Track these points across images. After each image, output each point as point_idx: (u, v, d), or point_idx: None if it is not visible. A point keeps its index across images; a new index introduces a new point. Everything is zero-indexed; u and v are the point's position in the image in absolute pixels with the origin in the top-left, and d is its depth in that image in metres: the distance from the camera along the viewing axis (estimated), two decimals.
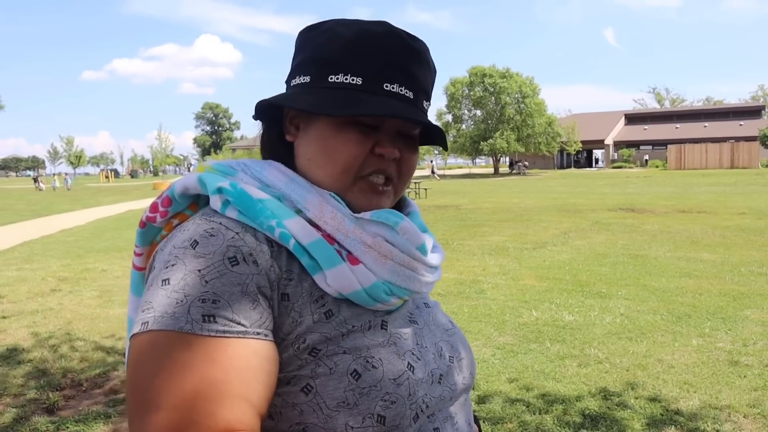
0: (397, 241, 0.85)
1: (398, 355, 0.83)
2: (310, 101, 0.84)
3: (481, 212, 16.38)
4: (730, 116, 69.30)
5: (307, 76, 0.87)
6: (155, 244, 0.90)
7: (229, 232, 0.77)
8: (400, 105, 0.85)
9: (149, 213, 0.89)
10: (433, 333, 0.94)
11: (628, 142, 67.13)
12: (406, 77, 0.86)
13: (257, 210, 0.80)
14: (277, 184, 0.86)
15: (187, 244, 0.76)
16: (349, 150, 0.85)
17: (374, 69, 0.85)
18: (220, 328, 0.70)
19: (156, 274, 0.75)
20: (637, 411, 3.73)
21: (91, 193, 35.10)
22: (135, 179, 78.37)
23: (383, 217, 0.85)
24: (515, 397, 3.98)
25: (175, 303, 0.70)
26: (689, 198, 19.99)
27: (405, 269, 0.86)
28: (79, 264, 9.52)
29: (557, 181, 36.81)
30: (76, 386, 4.31)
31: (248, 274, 0.74)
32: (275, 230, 0.80)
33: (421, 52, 0.89)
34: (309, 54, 0.88)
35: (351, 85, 0.84)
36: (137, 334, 0.70)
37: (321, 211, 0.83)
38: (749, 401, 3.85)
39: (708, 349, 4.87)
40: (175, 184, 0.87)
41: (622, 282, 7.40)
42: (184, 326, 0.69)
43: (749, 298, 6.42)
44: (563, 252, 9.71)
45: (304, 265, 0.81)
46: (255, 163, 0.90)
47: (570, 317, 5.86)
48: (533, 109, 52.69)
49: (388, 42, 0.86)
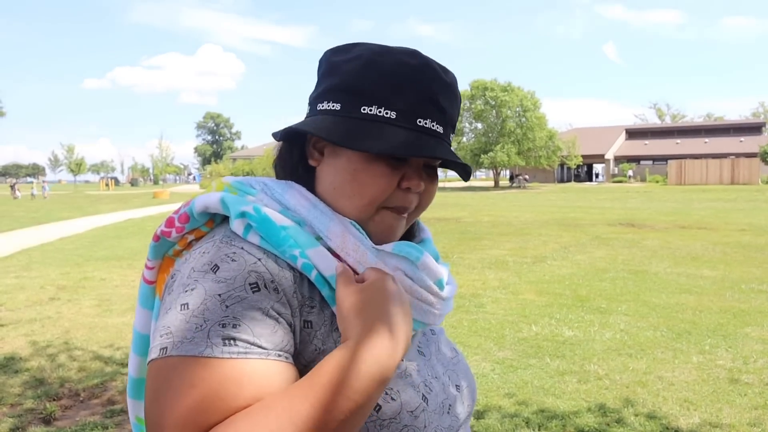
0: (416, 276, 0.86)
1: (413, 387, 0.83)
2: (342, 133, 0.83)
3: (481, 225, 16.38)
4: (731, 132, 69.45)
5: (337, 104, 0.86)
6: (167, 258, 0.90)
7: (250, 258, 0.76)
8: (432, 142, 0.85)
9: (164, 227, 0.87)
10: (440, 362, 0.95)
11: (629, 156, 67.22)
12: (438, 112, 0.86)
13: (280, 238, 0.79)
14: (299, 209, 0.85)
15: (207, 268, 0.75)
16: (379, 184, 0.84)
17: (408, 103, 0.84)
18: (242, 350, 0.69)
19: (175, 297, 0.75)
20: (636, 428, 3.71)
21: (90, 201, 35.11)
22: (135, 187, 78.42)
23: (405, 251, 0.85)
24: (513, 412, 3.96)
25: (195, 328, 0.70)
26: (689, 214, 20.00)
27: (422, 303, 0.87)
28: (78, 272, 9.51)
29: (557, 195, 36.84)
30: (74, 396, 4.29)
31: (269, 300, 0.74)
32: (298, 260, 0.79)
33: (452, 85, 0.89)
34: (340, 81, 0.87)
35: (384, 118, 0.84)
36: (156, 359, 0.70)
37: (344, 241, 0.83)
38: (750, 420, 3.83)
39: (708, 366, 4.85)
40: (195, 202, 0.86)
41: (622, 297, 7.38)
42: (204, 351, 0.68)
43: (750, 316, 6.41)
44: (563, 266, 9.70)
45: (324, 295, 0.81)
46: (276, 184, 0.89)
47: (570, 332, 5.84)
48: (534, 122, 52.77)
49: (423, 76, 0.85)
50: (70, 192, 56.88)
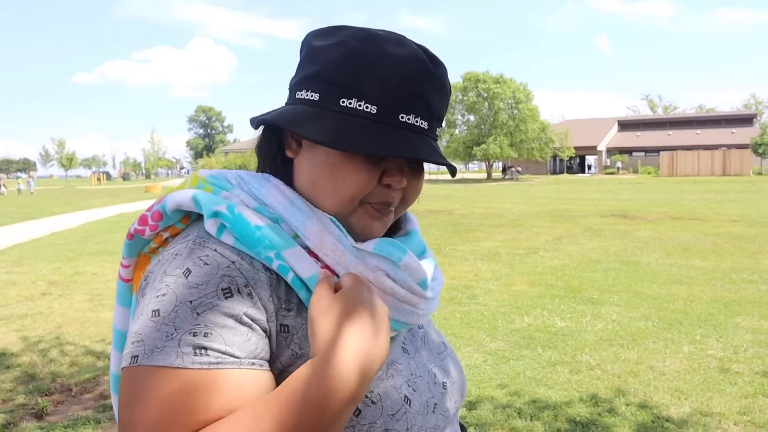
0: (398, 277, 0.82)
1: (395, 388, 0.81)
2: (319, 129, 0.78)
3: (473, 217, 16.40)
4: (722, 124, 69.73)
5: (315, 94, 0.82)
6: (142, 255, 0.88)
7: (224, 261, 0.73)
8: (415, 139, 0.80)
9: (138, 225, 0.84)
10: (425, 358, 0.92)
11: (621, 148, 67.42)
12: (423, 107, 0.82)
13: (255, 239, 0.76)
14: (276, 205, 0.82)
15: (179, 272, 0.72)
16: (358, 180, 0.80)
17: (391, 98, 0.79)
18: (213, 361, 0.67)
19: (147, 302, 0.72)
20: (627, 418, 3.73)
21: (82, 195, 34.94)
22: (127, 182, 78.07)
23: (386, 251, 0.82)
24: (505, 402, 3.98)
25: (165, 336, 0.68)
26: (681, 205, 20.08)
27: (404, 305, 0.83)
28: (70, 267, 9.47)
29: (550, 186, 36.91)
30: (66, 391, 4.28)
31: (242, 306, 0.71)
32: (273, 262, 0.76)
33: (440, 77, 0.84)
34: (320, 69, 0.82)
35: (364, 113, 0.79)
36: (127, 367, 0.69)
37: (321, 241, 0.80)
38: (740, 409, 3.86)
39: (699, 356, 4.88)
40: (167, 199, 0.83)
41: (614, 288, 7.41)
42: (174, 361, 0.66)
43: (740, 306, 6.45)
44: (555, 258, 9.73)
45: (301, 298, 0.78)
46: (252, 178, 0.85)
47: (562, 323, 5.86)
48: (526, 114, 52.84)
49: (408, 68, 0.80)
50: (61, 187, 56.60)
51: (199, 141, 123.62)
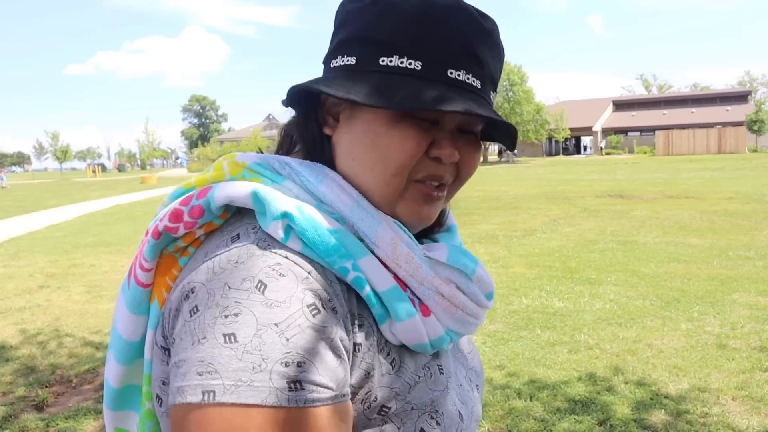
0: (469, 290, 0.76)
1: (453, 404, 0.76)
2: (358, 89, 0.69)
3: (470, 200, 16.39)
4: (717, 102, 69.65)
5: (352, 57, 0.72)
6: (166, 255, 0.74)
7: (301, 271, 0.63)
8: (468, 97, 0.70)
9: (169, 223, 0.71)
10: (461, 365, 0.87)
11: (617, 128, 67.36)
12: (474, 63, 0.72)
13: (330, 246, 0.66)
14: (339, 205, 0.71)
15: (250, 285, 0.61)
16: (404, 148, 0.70)
17: (437, 51, 0.70)
18: (309, 396, 0.58)
19: (209, 322, 0.60)
20: (626, 395, 3.75)
21: (77, 188, 34.84)
22: (122, 173, 77.92)
23: (460, 263, 0.75)
24: (505, 383, 4.00)
25: (252, 368, 0.57)
26: (677, 183, 20.11)
27: (471, 318, 0.77)
28: (67, 260, 9.45)
29: (546, 168, 36.91)
30: (66, 382, 4.29)
31: (331, 326, 0.62)
32: (349, 273, 0.67)
33: (492, 32, 0.74)
34: (355, 30, 0.73)
35: (408, 70, 0.69)
36: (198, 405, 0.57)
37: (394, 251, 0.71)
38: (737, 384, 3.88)
39: (696, 333, 4.91)
40: (215, 194, 0.70)
41: (612, 268, 7.43)
42: (267, 398, 0.56)
43: (737, 282, 6.47)
44: (553, 239, 9.75)
45: (374, 313, 0.70)
46: (305, 169, 0.74)
47: (560, 304, 5.88)
48: (521, 96, 52.74)
49: (456, 19, 0.71)
50: (56, 180, 56.42)
51: (193, 130, 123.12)
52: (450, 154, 0.73)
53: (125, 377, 0.81)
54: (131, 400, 0.83)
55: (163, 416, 0.73)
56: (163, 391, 0.71)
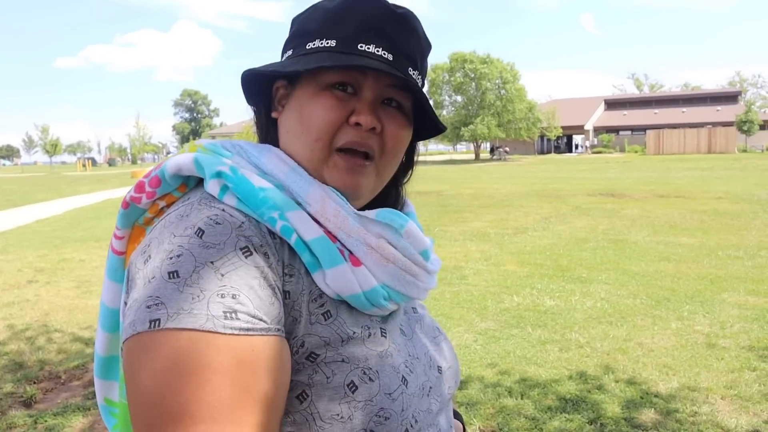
0: (400, 245, 0.81)
1: (394, 368, 0.79)
2: (281, 65, 0.83)
3: (462, 198, 16.40)
4: (708, 102, 70.00)
5: (290, 50, 0.86)
6: (137, 227, 0.84)
7: (235, 221, 0.71)
8: (375, 63, 0.80)
9: (134, 193, 0.81)
10: (422, 342, 0.90)
11: (608, 127, 67.57)
12: (383, 39, 0.82)
13: (259, 199, 0.74)
14: (277, 173, 0.80)
15: (191, 232, 0.69)
16: (323, 115, 0.80)
17: (349, 31, 0.81)
18: (244, 326, 0.64)
19: (158, 265, 0.67)
20: (616, 394, 3.76)
21: (67, 182, 34.59)
22: (113, 167, 77.43)
23: (388, 218, 0.81)
24: (496, 382, 4.00)
25: (191, 298, 0.63)
26: (668, 183, 20.19)
27: (405, 274, 0.82)
28: (56, 254, 9.39)
29: (538, 166, 36.97)
30: (54, 379, 4.25)
31: (263, 266, 0.69)
32: (277, 222, 0.74)
33: (403, 16, 0.84)
34: (293, 30, 0.87)
35: (326, 47, 0.81)
36: (146, 332, 0.63)
37: (323, 206, 0.78)
38: (726, 383, 3.90)
39: (686, 332, 4.93)
40: (167, 163, 0.80)
41: (603, 267, 7.45)
42: (205, 324, 0.62)
43: (726, 282, 6.51)
44: (544, 237, 9.77)
45: (304, 261, 0.76)
46: (252, 147, 0.84)
47: (551, 302, 5.89)
48: (513, 94, 52.75)
49: (365, 6, 0.83)
50: (46, 173, 56.02)
51: (185, 125, 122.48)
52: (368, 120, 0.80)
53: (110, 346, 0.88)
54: (116, 369, 0.89)
55: None
56: None
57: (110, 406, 0.92)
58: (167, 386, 0.60)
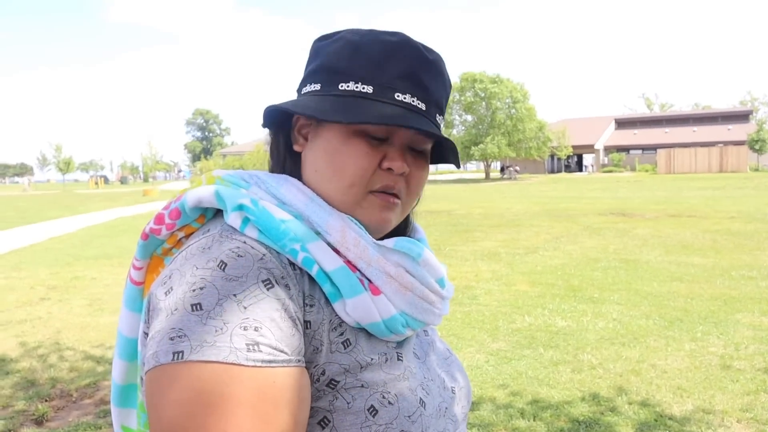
0: (417, 273, 0.83)
1: (411, 390, 0.80)
2: (317, 107, 0.81)
3: (472, 217, 16.38)
4: (719, 120, 69.76)
5: (317, 84, 0.85)
6: (155, 257, 0.86)
7: (257, 253, 0.72)
8: (411, 116, 0.81)
9: (153, 225, 0.83)
10: (435, 363, 0.92)
11: (619, 146, 67.42)
12: (418, 88, 0.83)
13: (280, 231, 0.75)
14: (296, 203, 0.81)
15: (213, 265, 0.70)
16: (357, 162, 0.81)
17: (385, 77, 0.82)
18: (266, 358, 0.65)
19: (180, 297, 0.68)
20: (629, 416, 3.72)
21: (80, 199, 34.86)
22: (125, 185, 78.01)
23: (406, 247, 0.83)
24: (507, 403, 3.97)
25: (214, 331, 0.65)
26: (679, 202, 20.08)
27: (423, 302, 0.84)
28: (69, 272, 9.44)
29: (548, 185, 36.90)
30: (66, 396, 4.26)
31: (284, 298, 0.71)
32: (299, 254, 0.75)
33: (435, 63, 0.86)
34: (320, 62, 0.86)
35: (361, 93, 0.81)
36: (169, 364, 0.64)
37: (344, 236, 0.79)
38: (742, 406, 3.85)
39: (700, 353, 4.88)
40: (187, 196, 0.82)
41: (615, 287, 7.41)
42: (228, 356, 0.64)
43: (740, 302, 6.44)
44: (555, 257, 9.72)
45: (325, 292, 0.77)
46: (270, 178, 0.85)
47: (563, 323, 5.85)
48: (524, 114, 52.80)
49: (402, 51, 0.83)
50: (59, 191, 56.50)
51: (196, 144, 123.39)
52: (400, 166, 0.82)
53: (128, 374, 0.89)
54: (134, 397, 0.90)
55: None
56: None
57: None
58: (190, 418, 0.62)
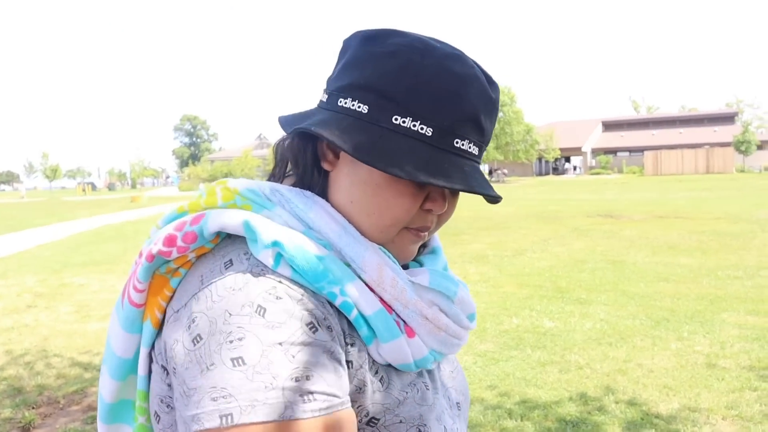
0: (451, 312, 0.81)
1: (438, 420, 0.79)
2: (368, 146, 0.71)
3: (460, 220, 16.42)
4: (705, 122, 70.48)
5: (365, 106, 0.74)
6: (158, 277, 0.76)
7: (296, 294, 0.67)
8: (467, 167, 0.75)
9: (163, 247, 0.73)
10: (445, 381, 0.90)
11: (606, 148, 67.89)
12: (477, 133, 0.76)
13: (319, 273, 0.69)
14: (327, 231, 0.75)
15: (250, 310, 0.64)
16: (403, 205, 0.75)
17: (448, 121, 0.73)
18: (323, 405, 0.62)
19: (215, 349, 0.63)
20: (616, 415, 3.75)
21: (67, 206, 34.63)
22: (113, 192, 77.58)
23: (443, 286, 0.80)
24: (496, 404, 3.99)
25: (264, 387, 0.60)
26: (666, 203, 20.25)
27: (453, 339, 0.81)
28: (56, 279, 9.38)
29: (536, 188, 37.08)
30: (53, 404, 4.24)
31: (329, 341, 0.67)
32: (338, 298, 0.70)
33: (496, 101, 0.79)
34: (371, 79, 0.74)
35: (419, 134, 0.73)
36: (217, 430, 0.60)
37: (380, 275, 0.74)
38: (727, 403, 3.89)
39: (686, 352, 4.92)
40: (209, 222, 0.73)
41: (602, 288, 7.45)
42: (284, 413, 0.60)
43: (726, 302, 6.51)
44: (543, 259, 9.77)
45: (361, 335, 0.73)
46: (296, 197, 0.77)
47: (550, 324, 5.89)
48: (511, 117, 53.14)
49: (469, 89, 0.74)
50: (46, 198, 56.08)
51: (184, 150, 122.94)
52: (441, 207, 0.79)
53: (119, 392, 0.85)
54: (124, 414, 0.88)
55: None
56: (161, 408, 0.74)
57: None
58: None
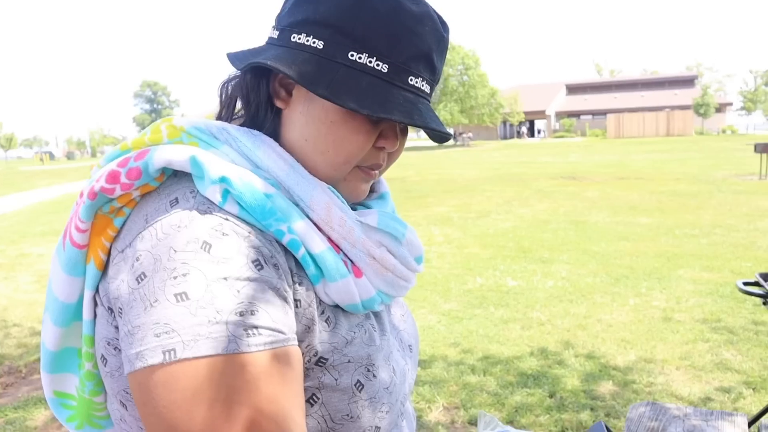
0: (399, 253, 0.80)
1: (386, 361, 0.79)
2: (326, 82, 0.71)
3: (426, 184, 16.48)
4: (666, 86, 71.42)
5: (319, 41, 0.73)
6: (101, 216, 0.73)
7: (242, 231, 0.66)
8: (420, 104, 0.76)
9: (106, 184, 0.70)
10: (395, 324, 0.89)
11: (569, 112, 68.47)
12: (430, 70, 0.78)
13: (267, 210, 0.68)
14: (275, 170, 0.73)
15: (195, 247, 0.62)
16: (357, 141, 0.75)
17: (402, 56, 0.74)
18: (267, 340, 0.61)
19: (159, 285, 0.61)
20: (576, 368, 3.86)
21: (25, 176, 33.72)
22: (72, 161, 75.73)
23: (391, 227, 0.79)
24: (459, 360, 4.07)
25: (208, 321, 0.59)
26: (627, 165, 20.59)
27: (401, 280, 0.81)
28: (15, 249, 9.18)
29: (500, 151, 37.29)
30: (15, 373, 4.19)
31: (275, 278, 0.65)
32: (285, 236, 0.69)
33: (447, 40, 0.80)
34: (326, 14, 0.73)
35: (374, 71, 0.73)
36: (161, 365, 0.58)
37: (329, 214, 0.74)
38: (681, 354, 4.04)
39: (644, 307, 5.07)
40: (154, 157, 0.70)
41: (564, 247, 7.59)
42: (228, 346, 0.59)
43: (682, 259, 6.69)
44: (507, 220, 9.89)
45: (308, 274, 0.72)
46: (244, 136, 0.75)
47: (513, 282, 5.99)
48: (476, 80, 53.15)
49: (423, 26, 0.75)
50: (1, 168, 54.52)
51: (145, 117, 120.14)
52: (393, 144, 0.79)
53: (63, 340, 0.82)
54: (69, 362, 0.85)
55: (107, 376, 0.73)
56: (108, 351, 0.71)
57: (62, 398, 0.88)
58: (195, 419, 0.58)
